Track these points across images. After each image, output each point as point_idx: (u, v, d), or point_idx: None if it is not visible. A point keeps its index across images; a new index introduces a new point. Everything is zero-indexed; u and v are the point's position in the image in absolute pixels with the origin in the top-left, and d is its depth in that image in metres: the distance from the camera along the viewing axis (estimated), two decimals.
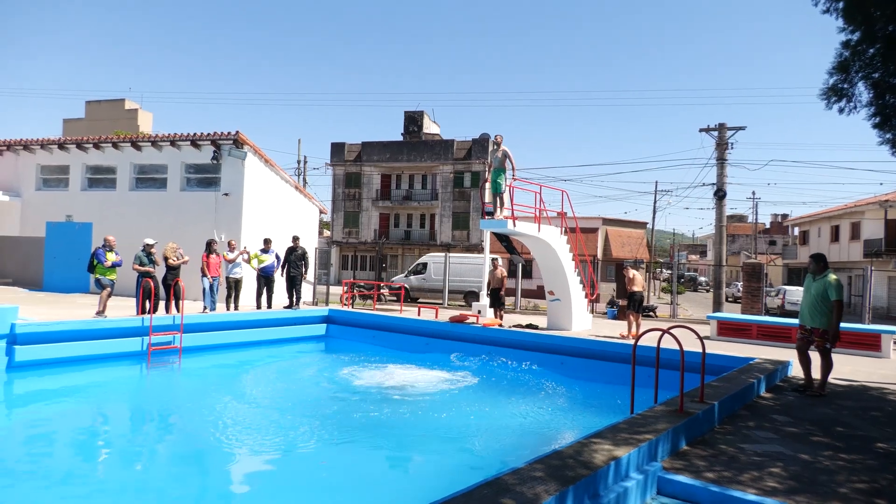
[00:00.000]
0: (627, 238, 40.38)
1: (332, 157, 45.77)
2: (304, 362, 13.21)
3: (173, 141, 18.47)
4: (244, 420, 8.01)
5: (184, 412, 8.53)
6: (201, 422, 7.93)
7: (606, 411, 9.07)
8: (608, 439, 4.67)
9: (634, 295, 13.06)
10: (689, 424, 5.40)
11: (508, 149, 12.80)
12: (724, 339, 13.64)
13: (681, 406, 5.71)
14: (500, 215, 12.77)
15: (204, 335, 12.78)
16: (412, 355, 13.39)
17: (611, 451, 4.38)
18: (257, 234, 17.47)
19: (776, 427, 6.05)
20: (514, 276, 22.80)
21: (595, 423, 8.20)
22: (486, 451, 7.26)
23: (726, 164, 23.25)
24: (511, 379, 11.47)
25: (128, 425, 8.06)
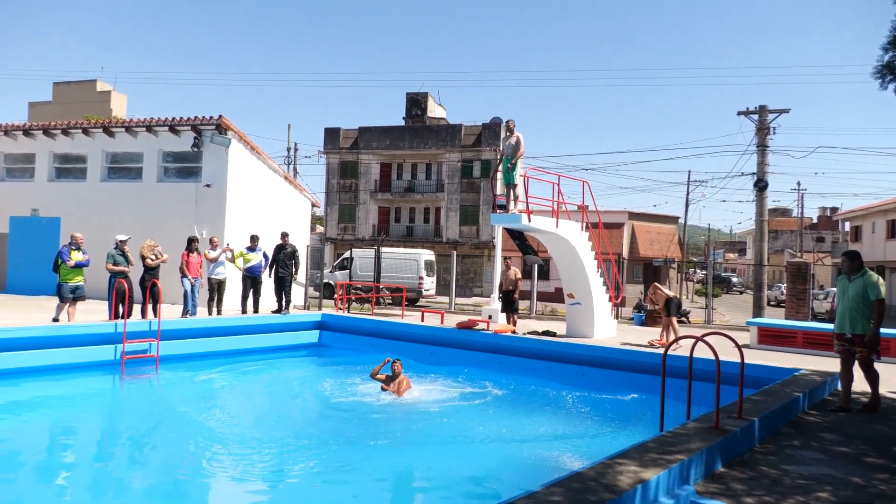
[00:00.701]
0: (657, 234, 40.23)
1: (326, 145, 45.85)
2: (295, 373, 13.22)
3: (150, 126, 18.53)
4: (227, 439, 8.03)
5: (160, 430, 8.56)
6: (179, 442, 7.95)
7: (633, 428, 9.03)
8: (635, 460, 4.65)
9: (672, 300, 13.07)
10: (725, 443, 5.37)
11: (522, 135, 12.77)
12: (766, 347, 13.57)
13: (716, 422, 5.67)
14: (513, 209, 12.75)
15: (184, 343, 12.83)
16: (415, 365, 13.39)
17: (637, 472, 4.36)
18: (243, 229, 17.52)
19: (824, 446, 6.01)
20: (528, 277, 22.77)
21: (620, 442, 8.17)
22: (498, 473, 7.25)
23: (768, 151, 23.13)
24: (525, 392, 11.44)
25: (96, 446, 8.08)
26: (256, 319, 14.50)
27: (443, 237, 43.27)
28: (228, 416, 9.41)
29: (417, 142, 43.75)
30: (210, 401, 10.28)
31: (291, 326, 15.14)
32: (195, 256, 13.89)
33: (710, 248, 67.75)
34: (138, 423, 8.84)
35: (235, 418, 9.23)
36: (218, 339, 13.49)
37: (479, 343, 13.52)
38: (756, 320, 15.10)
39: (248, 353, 13.84)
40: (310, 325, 15.71)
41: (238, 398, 10.72)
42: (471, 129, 43.13)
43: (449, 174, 43.27)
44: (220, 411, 9.64)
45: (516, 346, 13.08)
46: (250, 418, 9.19)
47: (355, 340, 15.21)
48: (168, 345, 12.30)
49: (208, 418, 9.02)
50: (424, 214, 45.07)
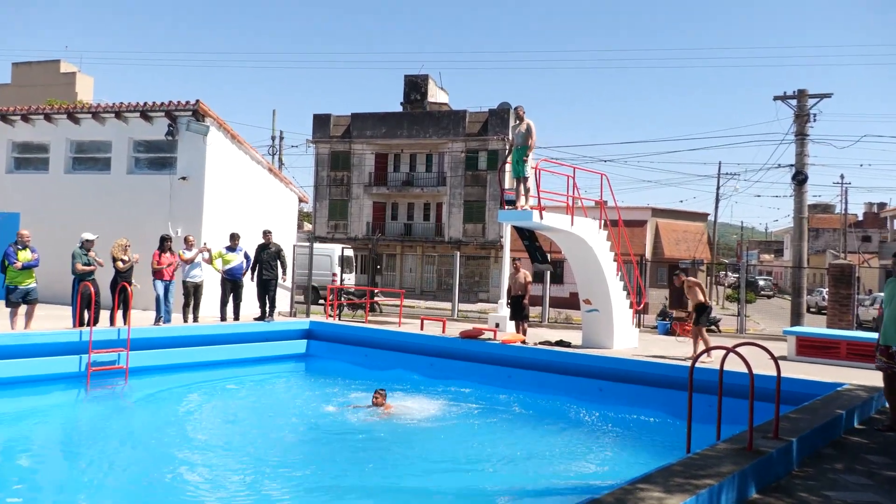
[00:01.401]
0: (683, 233, 40.21)
1: (315, 133, 45.90)
2: (279, 388, 13.22)
3: (119, 112, 18.56)
4: (202, 462, 8.03)
5: (128, 451, 8.57)
6: (148, 464, 7.94)
7: (656, 449, 9.02)
8: (659, 485, 4.63)
9: (705, 307, 12.90)
10: (760, 466, 5.36)
11: (533, 123, 12.76)
12: (805, 359, 13.54)
13: (750, 443, 5.66)
14: (523, 205, 12.74)
15: (156, 353, 12.82)
16: (414, 379, 13.38)
17: (662, 499, 4.35)
18: (222, 227, 17.53)
19: (871, 470, 5.99)
20: (540, 281, 22.77)
21: (642, 465, 8.15)
22: (508, 501, 7.23)
23: (807, 140, 23.10)
24: (537, 409, 11.43)
25: (55, 469, 8.04)
26: (237, 327, 14.48)
27: (444, 236, 43.28)
28: (204, 435, 9.41)
29: (417, 130, 43.78)
30: (184, 418, 10.27)
31: (276, 335, 15.12)
32: (168, 257, 13.89)
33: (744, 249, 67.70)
34: (104, 443, 8.82)
35: (212, 438, 9.22)
36: (194, 350, 13.47)
37: (485, 354, 13.50)
38: (794, 329, 15.04)
39: (228, 365, 13.83)
40: (296, 334, 15.69)
41: (215, 415, 10.72)
42: (476, 116, 43.14)
43: (452, 166, 43.29)
44: (195, 430, 9.64)
45: (526, 357, 13.05)
46: (228, 438, 9.19)
47: (347, 351, 15.20)
48: (139, 355, 12.29)
49: (181, 438, 9.02)
50: (424, 211, 45.09)
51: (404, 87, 46.48)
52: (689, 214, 42.30)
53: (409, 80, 46.50)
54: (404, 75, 46.68)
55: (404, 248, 44.53)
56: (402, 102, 46.67)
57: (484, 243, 42.09)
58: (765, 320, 32.36)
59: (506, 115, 41.93)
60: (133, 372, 12.03)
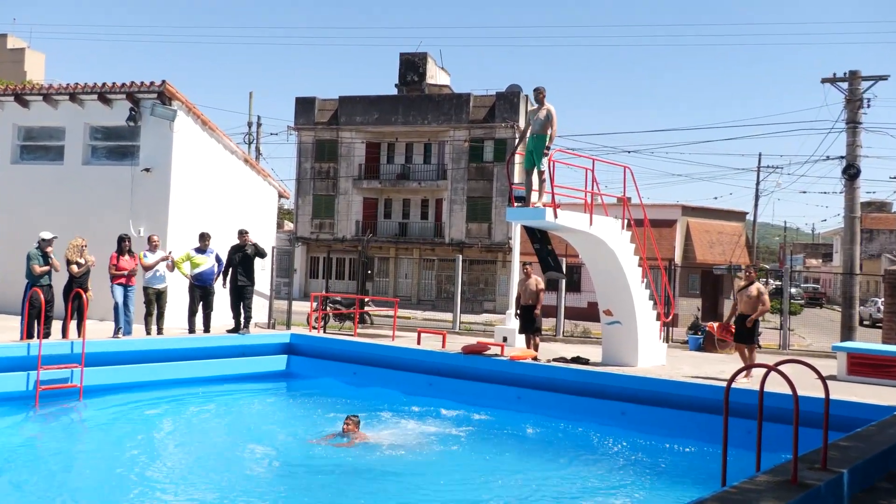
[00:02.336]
0: (718, 234, 40.23)
1: (298, 119, 45.97)
2: (255, 411, 13.20)
3: (74, 94, 18.56)
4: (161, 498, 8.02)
5: (78, 482, 8.56)
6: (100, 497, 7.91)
7: (688, 482, 9.01)
8: None
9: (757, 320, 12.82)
10: (806, 501, 5.35)
11: (554, 109, 12.73)
12: (857, 378, 13.52)
13: (794, 475, 5.65)
14: (536, 202, 12.75)
15: (114, 370, 12.81)
16: (409, 401, 13.37)
17: None
18: (191, 226, 17.52)
19: None
20: (554, 288, 22.77)
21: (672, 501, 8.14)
22: None
23: (860, 128, 23.11)
24: (551, 436, 11.42)
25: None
26: (207, 340, 14.47)
27: (445, 237, 43.30)
28: (165, 465, 9.40)
29: (414, 115, 43.83)
30: (144, 445, 10.26)
31: (252, 350, 15.10)
32: (127, 259, 13.88)
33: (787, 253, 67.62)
34: (52, 472, 8.83)
35: (173, 469, 9.22)
36: (158, 366, 13.46)
37: (491, 373, 13.47)
38: (845, 344, 15.02)
39: (197, 384, 13.81)
40: (276, 349, 15.67)
41: (181, 441, 10.70)
42: (481, 100, 43.19)
43: (453, 157, 43.32)
44: (155, 459, 9.63)
45: (538, 376, 13.03)
46: (194, 469, 9.19)
47: (333, 368, 15.17)
48: (95, 372, 12.28)
49: (139, 468, 9.01)
50: (422, 208, 45.11)
51: (399, 67, 46.53)
52: (725, 213, 42.31)
53: (404, 58, 46.55)
54: (399, 53, 46.76)
55: (399, 251, 44.53)
56: (396, 84, 46.71)
57: (490, 245, 42.11)
58: (811, 334, 32.33)
59: (515, 100, 41.97)
60: (88, 391, 12.02)
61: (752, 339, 12.77)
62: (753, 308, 12.67)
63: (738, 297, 12.97)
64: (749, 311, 12.69)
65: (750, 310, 12.68)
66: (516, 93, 42.27)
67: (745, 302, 12.74)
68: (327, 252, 38.11)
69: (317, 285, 42.68)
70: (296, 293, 36.08)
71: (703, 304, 34.96)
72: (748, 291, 12.77)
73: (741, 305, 12.84)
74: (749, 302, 12.70)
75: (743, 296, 12.81)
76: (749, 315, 12.66)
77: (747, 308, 12.71)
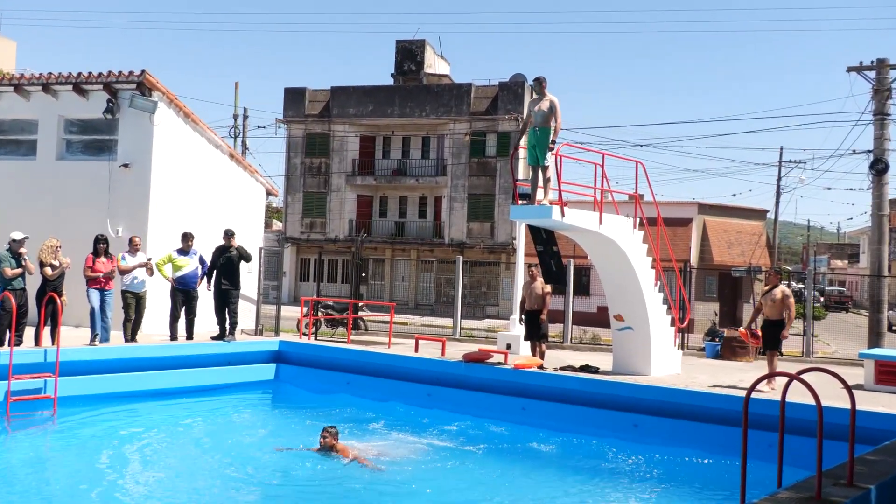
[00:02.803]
0: (737, 234, 40.24)
1: (287, 111, 45.98)
2: (241, 422, 13.20)
3: (47, 85, 18.55)
4: None
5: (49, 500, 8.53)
6: None
7: (704, 498, 9.01)
8: None
9: (777, 324, 12.75)
10: None
11: (558, 101, 12.75)
12: (886, 388, 13.52)
13: (818, 491, 5.66)
14: (541, 199, 12.75)
15: (91, 379, 12.82)
16: (406, 413, 13.38)
17: None
18: (173, 226, 17.52)
19: None
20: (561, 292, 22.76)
21: None
22: None
23: (888, 120, 23.10)
24: (558, 449, 11.42)
25: None
26: (190, 348, 14.47)
27: (445, 237, 43.31)
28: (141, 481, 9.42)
29: (411, 107, 43.85)
30: (120, 460, 10.27)
31: (238, 358, 15.12)
32: (104, 262, 13.88)
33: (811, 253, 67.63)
34: (25, 489, 8.82)
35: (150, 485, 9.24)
36: (137, 375, 13.48)
37: (494, 382, 13.49)
38: (872, 351, 15.02)
39: (179, 394, 13.84)
40: (264, 357, 15.67)
41: (161, 456, 10.69)
42: (483, 91, 43.21)
43: (453, 151, 43.35)
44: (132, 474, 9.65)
45: (545, 386, 13.04)
46: (171, 487, 9.19)
47: (325, 378, 15.20)
48: (70, 382, 12.28)
49: (114, 485, 9.02)
50: (420, 206, 45.11)
51: (396, 56, 46.55)
52: (744, 211, 42.29)
53: (401, 46, 46.56)
54: (396, 41, 46.74)
55: (395, 252, 44.54)
56: (393, 74, 46.72)
57: (492, 246, 42.12)
58: (836, 340, 32.33)
59: (519, 90, 41.97)
60: (63, 402, 12.00)
61: (776, 346, 12.80)
62: (779, 313, 12.70)
63: (763, 301, 13.01)
64: (774, 316, 12.74)
65: (776, 314, 12.73)
66: (520, 83, 42.27)
67: (770, 306, 12.77)
68: (319, 253, 38.07)
69: (307, 289, 42.71)
70: (285, 297, 36.12)
71: (721, 309, 34.93)
72: (773, 295, 12.79)
73: (766, 309, 12.88)
74: (774, 306, 12.74)
75: (767, 300, 12.84)
76: (774, 319, 12.71)
77: (772, 312, 12.76)
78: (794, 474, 6.67)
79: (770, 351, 12.81)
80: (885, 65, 23.09)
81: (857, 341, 28.71)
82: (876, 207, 23.22)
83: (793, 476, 6.56)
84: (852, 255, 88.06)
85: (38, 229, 15.55)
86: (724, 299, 37.71)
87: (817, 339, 26.69)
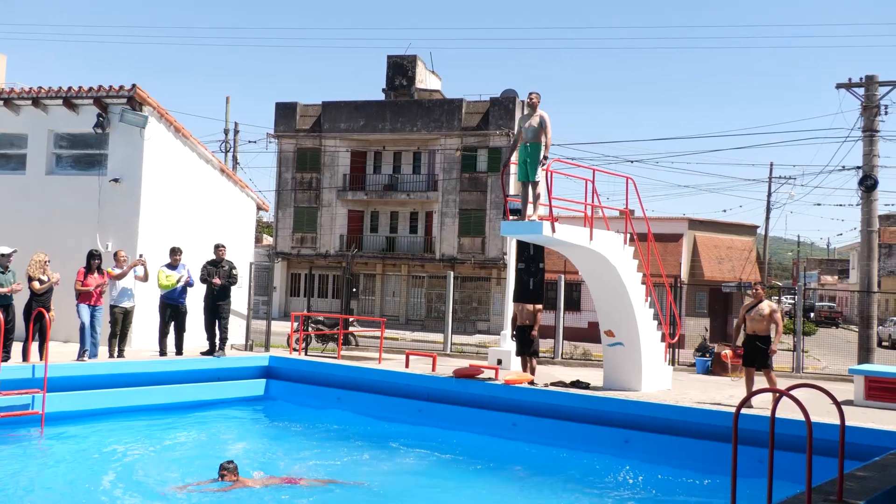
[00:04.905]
0: (727, 249, 40.37)
1: (277, 125, 45.97)
2: (231, 438, 13.15)
3: (37, 98, 18.52)
4: None
5: None
6: None
7: None
8: None
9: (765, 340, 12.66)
10: None
11: (548, 116, 12.79)
12: (876, 404, 13.56)
13: None
14: (531, 215, 12.78)
15: (79, 395, 12.76)
16: (397, 429, 13.34)
17: None
18: (163, 240, 17.47)
19: None
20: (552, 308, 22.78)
21: None
22: None
23: (877, 137, 23.24)
24: (548, 466, 11.41)
25: None
26: (180, 364, 14.42)
27: (436, 252, 43.31)
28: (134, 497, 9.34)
29: (402, 122, 43.92)
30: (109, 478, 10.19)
31: (228, 373, 15.07)
32: (96, 277, 13.85)
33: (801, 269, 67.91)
34: None
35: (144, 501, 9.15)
36: (126, 391, 13.41)
37: (485, 398, 13.47)
38: (862, 367, 15.05)
39: (168, 410, 13.78)
40: (253, 372, 15.63)
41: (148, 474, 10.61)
42: (475, 106, 43.31)
43: (445, 167, 43.40)
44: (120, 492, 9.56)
45: (535, 402, 13.02)
46: None
47: (315, 393, 15.16)
48: (58, 398, 12.22)
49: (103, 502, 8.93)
50: (411, 221, 45.11)
51: (387, 71, 46.66)
52: (735, 227, 42.46)
53: (392, 61, 46.69)
54: (387, 56, 46.84)
55: (386, 267, 44.50)
56: (384, 89, 46.82)
57: (484, 261, 42.14)
58: (826, 355, 32.39)
59: (511, 105, 42.08)
60: (50, 419, 11.94)
61: (765, 363, 12.73)
62: (766, 328, 12.70)
63: (747, 316, 12.97)
64: (762, 331, 12.71)
65: (763, 329, 12.71)
66: (511, 98, 42.39)
67: (758, 321, 12.73)
68: (309, 268, 38.14)
69: (298, 304, 42.64)
70: (275, 312, 35.99)
71: (712, 324, 35.00)
72: (759, 309, 12.77)
73: (751, 324, 12.85)
74: (762, 321, 12.71)
75: (754, 314, 12.82)
76: (760, 335, 12.69)
77: (759, 328, 12.73)
78: (784, 490, 6.69)
79: (764, 369, 12.69)
80: (873, 81, 23.24)
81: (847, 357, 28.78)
82: (865, 223, 23.31)
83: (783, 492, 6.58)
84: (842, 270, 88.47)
85: (26, 244, 15.50)
86: (714, 315, 37.78)
87: (807, 354, 26.74)
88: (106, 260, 15.40)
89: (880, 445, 9.48)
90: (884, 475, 7.07)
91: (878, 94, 23.16)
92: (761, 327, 12.72)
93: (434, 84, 48.47)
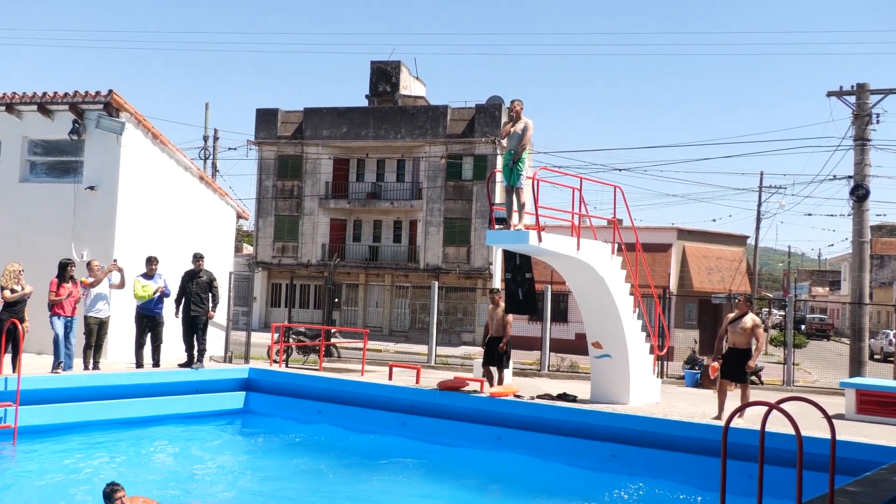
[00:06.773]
0: (717, 259, 40.55)
1: (258, 132, 45.91)
2: (210, 453, 13.08)
3: (10, 104, 18.45)
4: None
5: None
6: None
7: None
8: None
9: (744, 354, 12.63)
10: None
11: (531, 122, 12.83)
12: (868, 418, 13.64)
13: None
14: (517, 224, 12.80)
15: (53, 408, 12.68)
16: (379, 442, 13.32)
17: None
18: (140, 249, 17.40)
19: None
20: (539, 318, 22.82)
21: None
22: None
23: (869, 146, 23.41)
24: (534, 480, 11.41)
25: None
26: (157, 376, 14.35)
27: (420, 262, 43.28)
28: None
29: (386, 129, 43.95)
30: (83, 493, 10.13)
31: (207, 386, 15.01)
32: (70, 287, 13.79)
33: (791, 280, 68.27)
34: None
35: None
36: (101, 404, 13.34)
37: (470, 411, 13.47)
38: (853, 381, 15.14)
39: (145, 423, 13.71)
40: (233, 385, 15.57)
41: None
42: (460, 113, 43.39)
43: (429, 175, 43.44)
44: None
45: (521, 415, 13.03)
46: None
47: (296, 406, 15.12)
48: (31, 411, 12.14)
49: None
50: (394, 230, 45.09)
51: (370, 77, 46.67)
52: (724, 237, 42.65)
53: (376, 67, 46.72)
54: (371, 62, 46.90)
55: (369, 277, 44.45)
56: (367, 95, 46.83)
57: (469, 271, 42.15)
58: (818, 369, 32.58)
59: (497, 112, 42.18)
60: (23, 433, 11.87)
61: (743, 377, 12.63)
62: (748, 342, 12.69)
63: (729, 329, 12.93)
64: (743, 345, 12.67)
65: (744, 343, 12.69)
66: (497, 105, 42.50)
67: (740, 334, 12.64)
68: (290, 278, 37.98)
69: (279, 315, 42.45)
70: (255, 323, 35.96)
71: (701, 336, 35.09)
72: (742, 323, 12.67)
73: (732, 337, 12.83)
74: (744, 334, 12.64)
75: (736, 327, 12.76)
76: (741, 349, 12.66)
77: (741, 341, 12.66)
78: None
79: (741, 384, 12.64)
80: (864, 90, 23.39)
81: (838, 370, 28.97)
82: (857, 234, 23.42)
83: None
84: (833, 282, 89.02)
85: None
86: (703, 327, 37.87)
87: (798, 367, 26.87)
88: (80, 270, 15.33)
89: (872, 460, 9.53)
90: (875, 490, 7.10)
91: (869, 103, 23.30)
92: (742, 340, 12.65)
93: (419, 90, 48.53)
